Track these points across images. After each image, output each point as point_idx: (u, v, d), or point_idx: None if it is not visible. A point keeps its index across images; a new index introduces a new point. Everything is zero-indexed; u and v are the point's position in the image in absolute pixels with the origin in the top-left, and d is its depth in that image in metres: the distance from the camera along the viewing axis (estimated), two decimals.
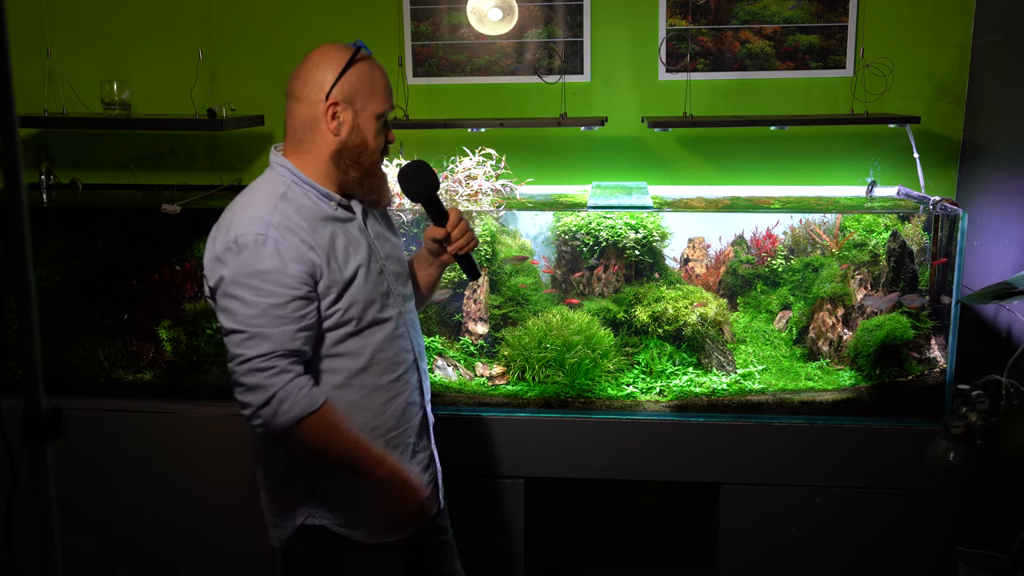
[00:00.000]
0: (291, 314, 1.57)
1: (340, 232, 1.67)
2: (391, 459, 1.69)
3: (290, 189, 1.65)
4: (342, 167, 1.68)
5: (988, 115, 2.66)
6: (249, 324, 1.55)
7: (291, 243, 1.58)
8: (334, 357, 1.67)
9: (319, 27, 2.97)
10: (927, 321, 2.52)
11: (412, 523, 1.76)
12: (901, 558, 2.43)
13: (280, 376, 1.56)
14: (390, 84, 1.72)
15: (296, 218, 1.61)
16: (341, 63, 1.64)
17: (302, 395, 1.57)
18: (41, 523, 1.03)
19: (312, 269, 1.59)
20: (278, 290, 1.56)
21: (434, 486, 1.87)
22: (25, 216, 0.98)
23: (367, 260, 1.69)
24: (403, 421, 1.77)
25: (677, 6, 2.84)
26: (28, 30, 3.00)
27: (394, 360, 1.74)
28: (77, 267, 2.78)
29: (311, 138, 1.66)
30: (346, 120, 1.65)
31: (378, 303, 1.70)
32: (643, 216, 2.66)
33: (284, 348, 1.56)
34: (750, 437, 2.44)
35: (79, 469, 2.60)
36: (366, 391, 1.70)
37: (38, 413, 1.01)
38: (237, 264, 1.56)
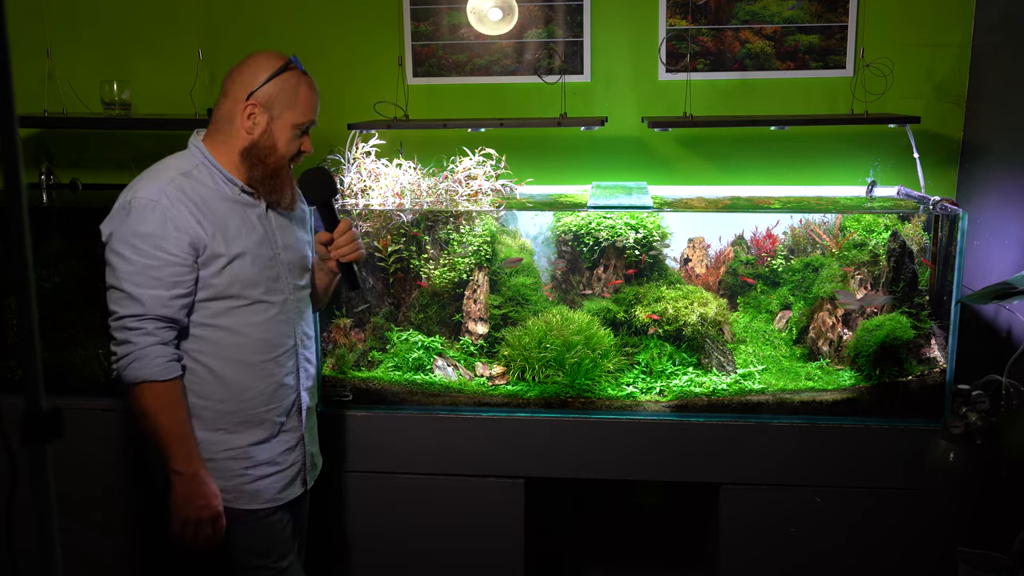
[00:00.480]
0: (166, 279, 1.70)
1: (235, 214, 1.81)
2: (199, 462, 1.76)
3: (196, 169, 1.80)
4: (249, 163, 1.82)
5: (988, 115, 2.66)
6: (127, 280, 1.69)
7: (179, 213, 1.72)
8: (212, 327, 1.79)
9: (319, 27, 2.97)
10: (927, 321, 2.52)
11: (192, 528, 1.76)
12: (901, 558, 2.43)
13: (144, 338, 1.70)
14: (316, 99, 1.86)
15: (192, 193, 1.75)
16: (270, 70, 1.78)
17: (157, 362, 1.70)
18: (41, 523, 1.03)
19: (195, 240, 1.73)
20: (157, 253, 1.69)
21: (299, 468, 1.97)
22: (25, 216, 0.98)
23: (257, 245, 1.82)
24: (272, 400, 1.88)
25: (677, 6, 2.84)
26: (28, 30, 3.00)
27: (272, 342, 1.86)
28: (77, 267, 2.77)
29: (227, 130, 1.81)
30: (260, 122, 1.79)
31: (263, 286, 1.83)
32: (643, 216, 2.66)
33: (154, 312, 1.70)
34: (750, 437, 2.44)
35: (79, 469, 2.60)
36: (240, 366, 1.82)
37: (38, 413, 1.01)
38: (124, 224, 1.71)
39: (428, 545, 2.56)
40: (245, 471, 1.86)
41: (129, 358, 1.70)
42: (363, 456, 2.53)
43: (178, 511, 1.76)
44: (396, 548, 2.57)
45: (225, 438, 1.83)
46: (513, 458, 2.50)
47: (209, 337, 1.79)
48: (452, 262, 2.63)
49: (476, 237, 2.65)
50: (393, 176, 2.62)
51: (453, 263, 2.63)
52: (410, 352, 2.61)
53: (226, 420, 1.83)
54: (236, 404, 1.83)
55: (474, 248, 2.64)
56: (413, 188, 2.61)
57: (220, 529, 1.79)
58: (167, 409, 1.72)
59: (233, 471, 1.84)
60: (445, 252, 2.66)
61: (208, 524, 1.77)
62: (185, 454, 1.74)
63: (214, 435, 1.83)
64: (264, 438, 1.88)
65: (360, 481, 2.54)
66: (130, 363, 1.70)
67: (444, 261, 2.65)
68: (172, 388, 1.72)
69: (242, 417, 1.84)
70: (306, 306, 2.00)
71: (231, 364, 1.81)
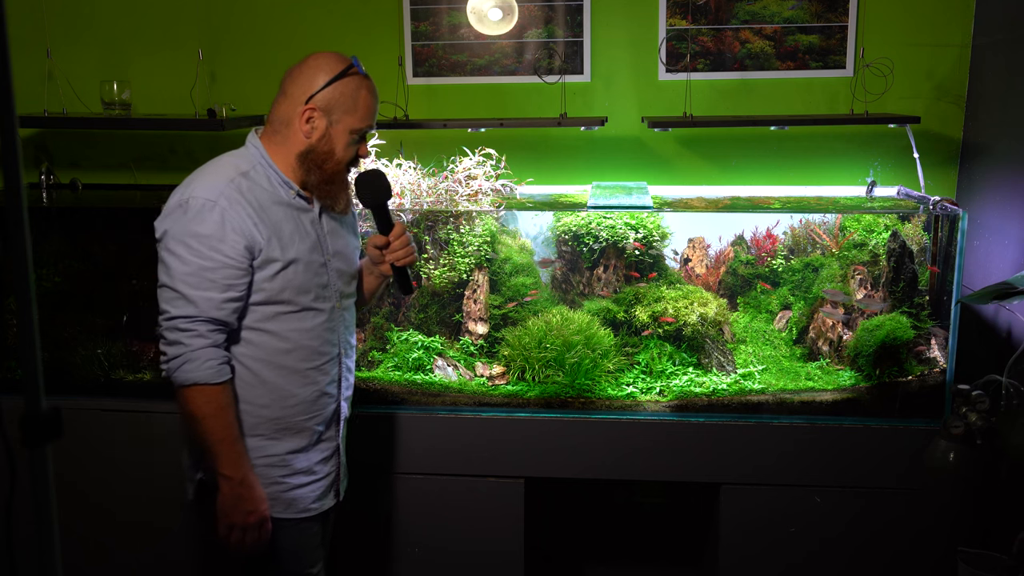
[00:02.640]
0: (221, 280, 1.67)
1: (290, 218, 1.77)
2: (247, 466, 1.73)
3: (254, 169, 1.76)
4: (305, 167, 1.77)
5: (988, 115, 2.66)
6: (181, 281, 1.66)
7: (237, 215, 1.68)
8: (261, 332, 1.76)
9: (319, 27, 2.97)
10: (927, 321, 2.52)
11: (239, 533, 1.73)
12: (901, 558, 2.43)
13: (196, 339, 1.67)
14: (375, 104, 1.81)
15: (249, 196, 1.71)
16: (332, 73, 1.73)
17: (208, 365, 1.67)
18: (41, 523, 1.03)
19: (251, 243, 1.69)
20: (212, 255, 1.66)
21: (334, 477, 1.94)
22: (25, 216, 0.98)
23: (310, 250, 1.79)
24: (313, 409, 1.84)
25: (677, 6, 2.84)
26: (28, 30, 3.00)
27: (318, 350, 1.83)
28: (77, 267, 2.78)
29: (285, 133, 1.77)
30: (319, 126, 1.75)
31: (313, 292, 1.79)
32: (643, 216, 2.66)
33: (207, 315, 1.67)
34: (750, 437, 2.44)
35: (79, 469, 2.60)
36: (284, 372, 1.78)
37: (38, 413, 1.01)
38: (181, 222, 1.67)
39: (428, 545, 2.56)
40: (282, 479, 1.82)
41: (180, 359, 1.66)
42: (363, 456, 2.53)
43: (225, 515, 1.72)
44: (396, 548, 2.57)
45: (264, 444, 1.80)
46: (513, 458, 2.50)
47: (256, 341, 1.76)
48: (452, 262, 2.63)
49: (476, 237, 2.65)
50: (393, 176, 2.62)
51: (453, 263, 2.64)
52: (410, 352, 2.61)
53: (267, 426, 1.79)
54: (278, 411, 1.79)
55: (474, 248, 2.64)
56: (413, 188, 2.61)
57: (266, 534, 1.76)
58: (218, 413, 1.68)
59: (271, 478, 1.80)
60: (445, 252, 2.66)
61: (255, 529, 1.73)
62: (234, 458, 1.71)
63: (253, 440, 1.79)
64: (303, 446, 1.84)
65: (360, 481, 2.54)
66: (181, 364, 1.66)
67: (444, 261, 2.65)
68: (223, 391, 1.69)
69: (283, 424, 1.80)
70: (351, 314, 1.96)
71: (276, 370, 1.78)
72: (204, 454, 1.74)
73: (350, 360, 1.95)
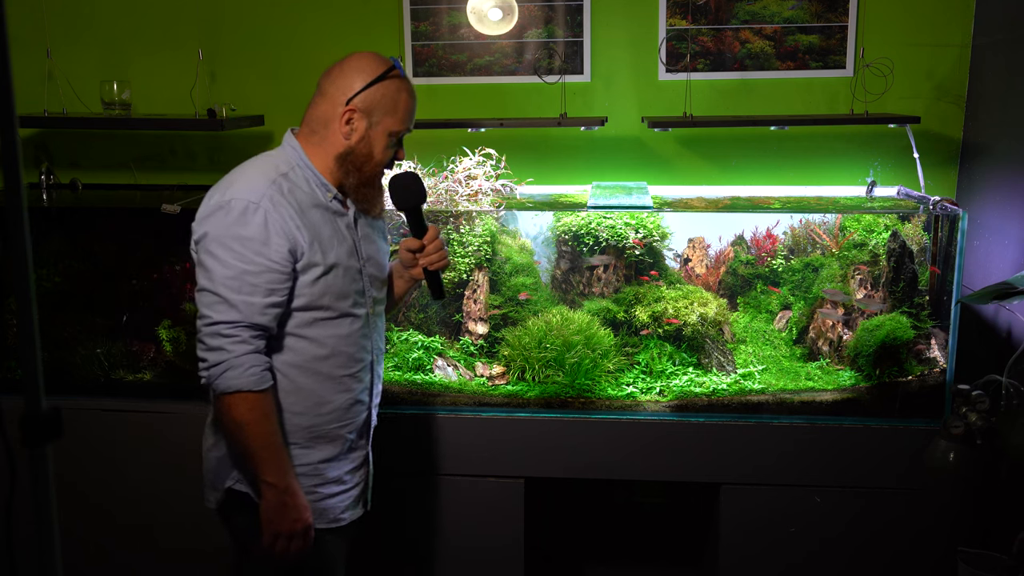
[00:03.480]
0: (263, 285, 1.62)
1: (329, 222, 1.74)
2: (291, 474, 1.70)
3: (293, 171, 1.72)
4: (344, 169, 1.74)
5: (988, 115, 2.66)
6: (223, 285, 1.61)
7: (280, 217, 1.64)
8: (299, 338, 1.72)
9: (319, 27, 2.97)
10: (927, 321, 2.52)
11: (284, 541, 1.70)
12: (901, 558, 2.43)
13: (239, 346, 1.62)
14: (414, 106, 1.78)
15: (290, 198, 1.67)
16: (373, 75, 1.70)
17: (251, 372, 1.62)
18: (41, 523, 1.03)
19: (295, 246, 1.65)
20: (256, 259, 1.61)
21: (363, 486, 1.91)
22: (25, 216, 0.98)
23: (348, 255, 1.76)
24: (347, 416, 1.81)
25: (677, 6, 2.84)
26: (28, 30, 3.00)
27: (354, 356, 1.80)
28: (77, 267, 2.78)
29: (323, 134, 1.73)
30: (359, 128, 1.72)
31: (351, 298, 1.77)
32: (643, 216, 2.66)
33: (249, 320, 1.62)
34: (750, 437, 2.44)
35: (79, 469, 2.60)
36: (320, 379, 1.75)
37: (38, 413, 1.01)
38: (223, 224, 1.62)
39: (428, 544, 2.56)
40: (315, 488, 1.78)
41: (223, 366, 1.61)
42: None
43: (270, 524, 1.68)
44: (396, 548, 2.57)
45: (297, 453, 1.75)
46: (513, 458, 2.50)
47: (294, 347, 1.72)
48: (452, 262, 2.63)
49: (476, 237, 2.65)
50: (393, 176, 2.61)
51: (453, 263, 2.63)
52: (410, 352, 2.61)
53: (301, 434, 1.75)
54: (312, 418, 1.75)
55: (474, 248, 2.64)
56: None
57: (310, 541, 1.72)
58: (261, 420, 1.64)
59: (303, 487, 1.75)
60: None
61: (300, 536, 1.70)
62: (278, 466, 1.66)
63: (289, 448, 1.75)
64: (335, 455, 1.80)
65: None
66: (224, 371, 1.61)
67: None
68: (266, 399, 1.65)
69: (317, 432, 1.77)
70: (382, 320, 1.93)
71: (312, 376, 1.74)
72: (245, 462, 1.69)
73: (380, 367, 1.92)
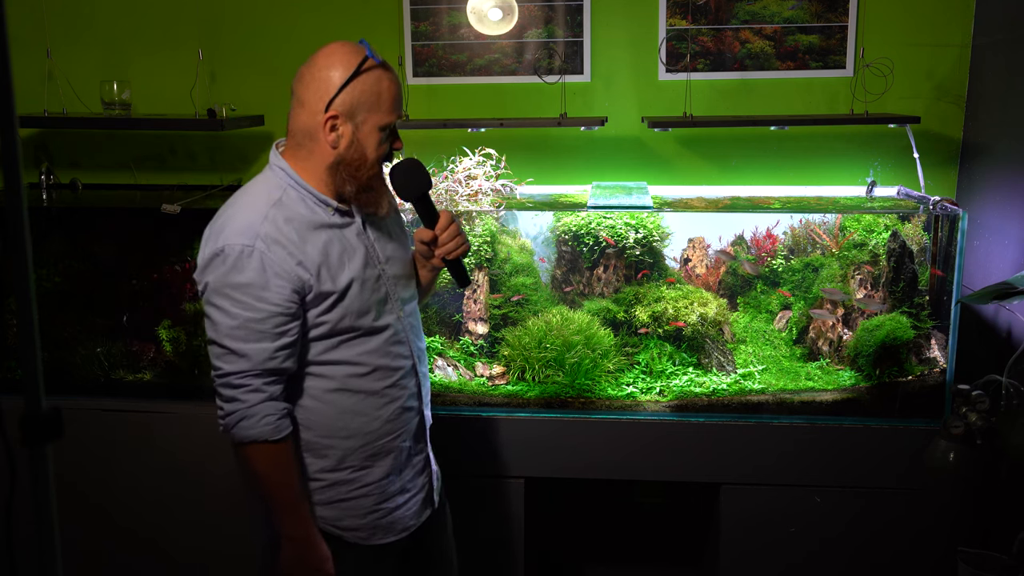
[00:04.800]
0: (270, 330, 1.56)
1: (336, 239, 1.64)
2: (310, 524, 1.66)
3: (286, 194, 1.62)
4: (339, 179, 1.64)
5: (988, 115, 2.66)
6: (228, 336, 1.56)
7: (278, 257, 1.56)
8: (327, 364, 1.66)
9: (319, 27, 2.97)
10: (927, 321, 2.52)
11: None
12: (901, 558, 2.43)
13: (252, 395, 1.57)
14: (399, 91, 1.66)
15: (287, 228, 1.58)
16: (346, 72, 1.58)
17: (266, 421, 1.57)
18: (41, 523, 1.03)
19: (299, 285, 1.58)
20: (258, 304, 1.55)
21: (428, 489, 1.86)
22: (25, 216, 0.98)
23: (363, 267, 1.66)
24: (398, 426, 1.75)
25: (677, 6, 2.84)
26: (28, 30, 3.00)
27: (391, 366, 1.72)
28: (77, 267, 2.78)
29: (309, 146, 1.63)
30: (345, 134, 1.61)
31: (373, 312, 1.68)
32: (643, 216, 2.66)
33: (260, 368, 1.57)
34: (750, 437, 2.44)
35: (79, 469, 2.60)
36: (361, 396, 1.69)
37: (38, 413, 1.01)
38: (220, 273, 1.56)
39: None
40: (378, 506, 1.74)
41: (237, 416, 1.57)
42: None
43: (289, 575, 1.65)
44: None
45: (355, 476, 1.71)
46: (513, 458, 2.50)
47: (326, 373, 1.66)
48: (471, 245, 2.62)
49: (476, 237, 2.65)
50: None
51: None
52: None
53: (355, 457, 1.70)
54: (363, 438, 1.70)
55: (474, 248, 2.64)
56: None
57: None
58: (278, 471, 1.60)
59: (367, 508, 1.73)
60: None
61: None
62: (296, 517, 1.62)
63: (342, 474, 1.70)
64: (395, 468, 1.75)
65: None
66: (238, 421, 1.57)
67: None
68: (283, 449, 1.60)
69: (371, 451, 1.71)
70: (416, 318, 1.84)
71: (353, 396, 1.68)
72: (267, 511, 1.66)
73: (424, 367, 1.84)
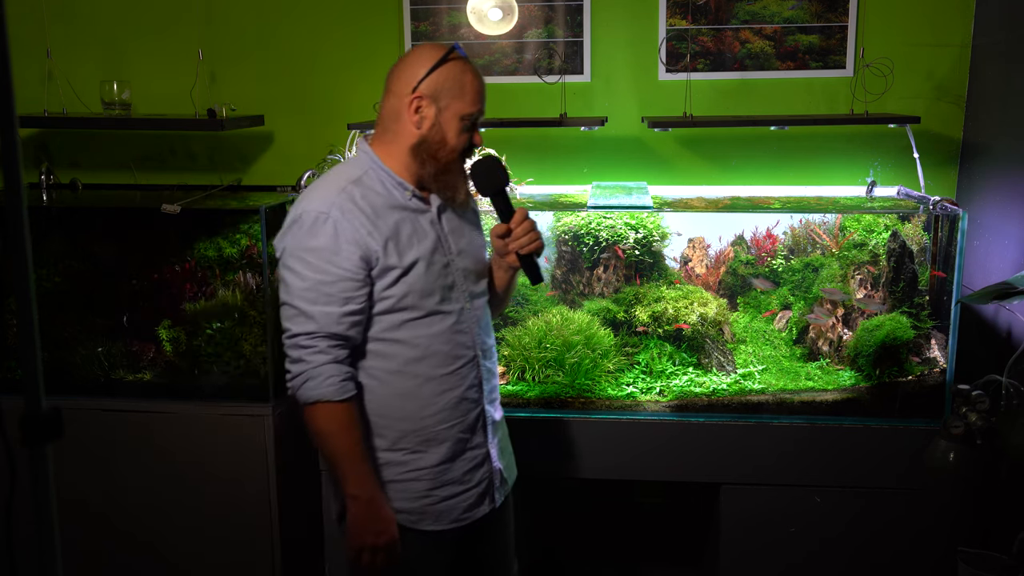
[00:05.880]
0: (338, 294, 1.64)
1: (408, 221, 1.72)
2: (375, 485, 1.68)
3: (366, 174, 1.72)
4: (419, 160, 1.72)
5: (988, 115, 2.66)
6: (299, 297, 1.64)
7: (351, 226, 1.64)
8: (390, 342, 1.71)
9: (319, 27, 2.97)
10: (927, 321, 2.52)
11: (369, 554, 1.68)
12: (901, 558, 2.43)
13: (317, 356, 1.64)
14: (483, 88, 1.75)
15: (362, 203, 1.67)
16: (433, 60, 1.69)
17: (329, 381, 1.63)
18: (41, 523, 1.03)
19: (367, 254, 1.65)
20: (329, 268, 1.63)
21: (486, 485, 1.84)
22: (25, 216, 0.98)
23: (430, 252, 1.72)
24: (454, 416, 1.76)
25: (677, 6, 2.84)
26: (28, 30, 3.00)
27: (451, 354, 1.75)
28: (77, 267, 2.78)
29: (395, 129, 1.72)
30: (428, 115, 1.70)
31: (437, 295, 1.73)
32: (643, 216, 2.66)
33: (327, 331, 1.64)
34: (750, 437, 2.44)
35: (79, 469, 2.60)
36: (419, 380, 1.73)
37: (38, 413, 1.01)
38: (296, 237, 1.66)
39: None
40: (430, 492, 1.75)
41: (303, 377, 1.64)
42: None
43: (354, 536, 1.67)
44: None
45: (408, 458, 1.74)
46: None
47: (386, 352, 1.71)
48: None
49: None
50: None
51: None
52: None
53: (409, 440, 1.74)
54: (418, 422, 1.73)
55: None
56: None
57: (396, 556, 1.69)
58: (341, 431, 1.65)
59: (418, 492, 1.75)
60: None
61: (384, 550, 1.67)
62: (360, 477, 1.66)
63: (397, 455, 1.74)
64: (449, 457, 1.76)
65: None
66: (304, 382, 1.64)
67: None
68: (346, 409, 1.65)
69: (425, 435, 1.74)
70: (484, 314, 1.86)
71: (411, 379, 1.72)
72: (332, 473, 1.71)
73: (490, 362, 1.85)
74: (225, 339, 2.63)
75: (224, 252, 2.69)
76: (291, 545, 2.67)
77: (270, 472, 2.56)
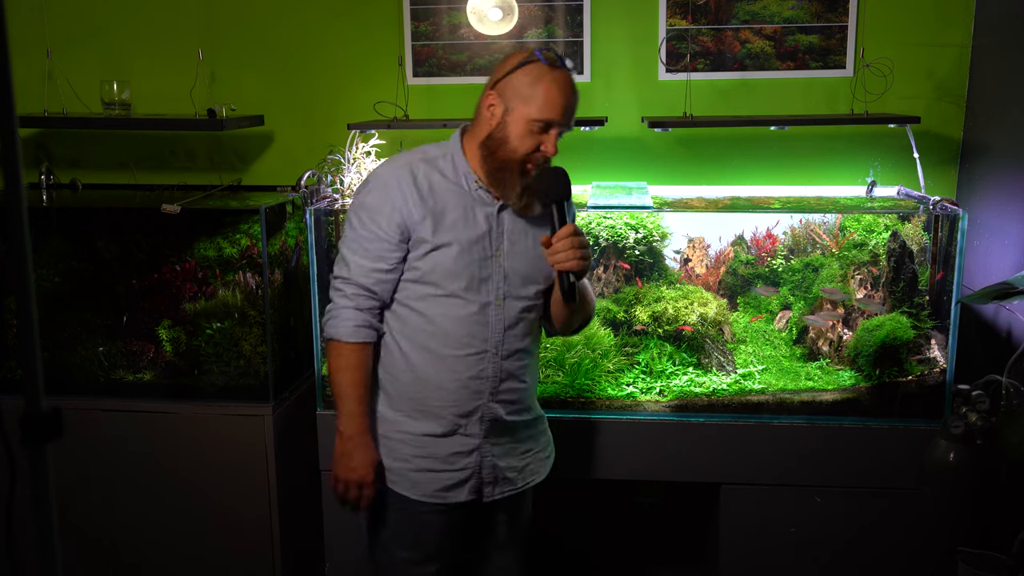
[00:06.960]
0: (372, 251, 1.78)
1: (462, 207, 1.79)
2: (361, 428, 1.81)
3: (443, 157, 1.83)
4: (483, 153, 1.79)
5: (988, 115, 2.66)
6: (345, 245, 1.82)
7: (400, 194, 1.76)
8: (411, 310, 1.82)
9: (319, 27, 2.97)
10: (927, 321, 2.52)
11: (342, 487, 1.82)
12: (901, 558, 2.43)
13: (344, 299, 1.81)
14: (561, 98, 1.73)
15: (422, 179, 1.78)
16: (515, 63, 1.76)
17: (346, 324, 1.79)
18: (41, 523, 1.03)
19: (404, 221, 1.77)
20: (370, 225, 1.78)
21: (470, 474, 1.86)
22: (25, 216, 0.98)
23: (472, 241, 1.78)
24: (452, 398, 1.83)
25: (677, 6, 2.84)
26: (28, 30, 3.00)
27: (463, 340, 1.81)
28: (77, 267, 2.77)
29: (477, 122, 1.82)
30: (496, 113, 1.76)
31: (464, 281, 1.79)
32: (643, 216, 2.66)
33: (356, 279, 1.80)
34: (750, 437, 2.44)
35: (79, 469, 2.60)
36: (427, 354, 1.81)
37: (38, 413, 1.01)
38: (360, 194, 1.84)
39: None
40: (411, 458, 1.84)
41: (329, 315, 1.82)
42: None
43: (333, 467, 1.83)
44: None
45: (402, 420, 1.85)
46: None
47: (406, 318, 1.82)
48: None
49: None
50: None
51: None
52: None
53: (407, 404, 1.84)
54: (418, 391, 1.83)
55: None
56: None
57: (366, 499, 1.82)
58: (346, 370, 1.79)
59: (402, 454, 1.85)
60: None
61: (355, 488, 1.81)
62: (351, 416, 1.80)
63: (395, 415, 1.86)
64: (438, 432, 1.84)
65: None
66: (328, 319, 1.81)
67: None
68: (355, 351, 1.79)
69: (421, 406, 1.83)
70: (524, 320, 1.85)
71: (419, 350, 1.82)
72: None
73: (512, 365, 1.85)
74: (225, 339, 2.63)
75: (224, 252, 2.69)
76: (291, 545, 2.67)
77: (270, 472, 2.56)
